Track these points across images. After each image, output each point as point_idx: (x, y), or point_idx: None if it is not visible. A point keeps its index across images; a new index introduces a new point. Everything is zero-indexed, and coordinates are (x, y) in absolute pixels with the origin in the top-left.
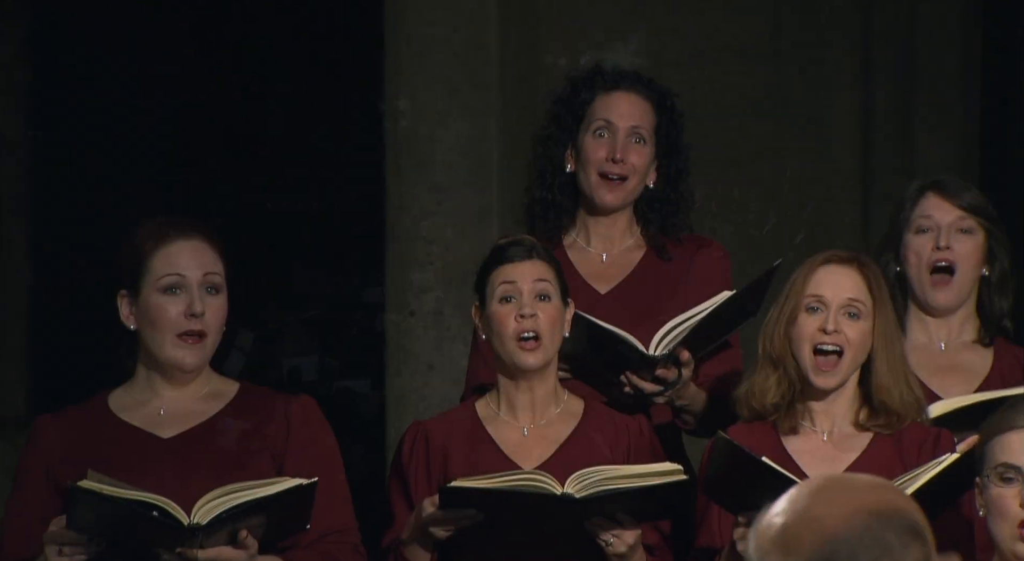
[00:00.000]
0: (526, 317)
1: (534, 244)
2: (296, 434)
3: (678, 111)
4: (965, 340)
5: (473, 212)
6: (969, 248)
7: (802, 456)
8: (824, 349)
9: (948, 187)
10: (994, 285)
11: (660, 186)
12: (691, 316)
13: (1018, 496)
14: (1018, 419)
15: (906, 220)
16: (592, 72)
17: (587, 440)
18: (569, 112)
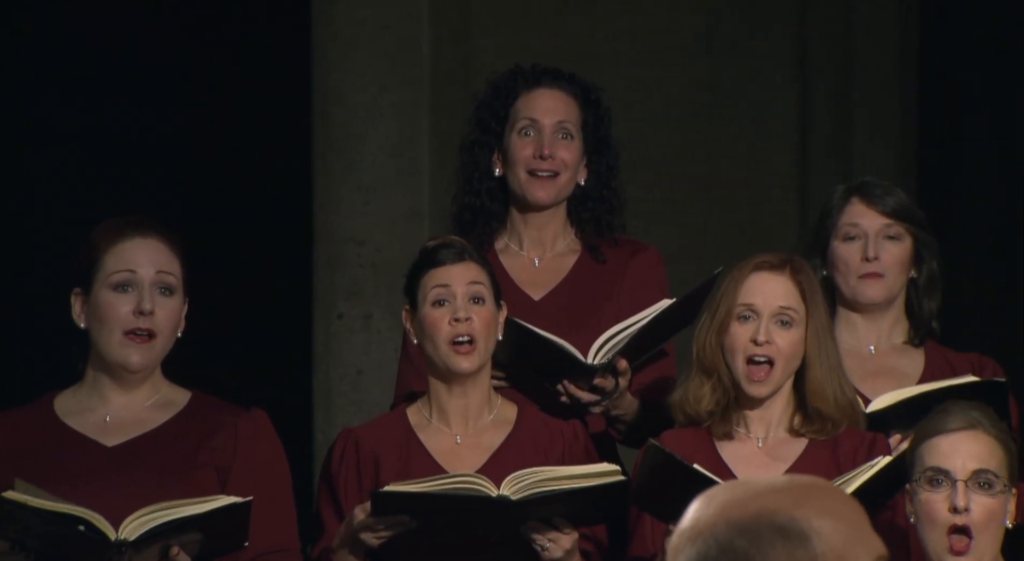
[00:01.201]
0: (460, 321)
1: (465, 246)
2: (244, 449)
3: (604, 106)
4: (895, 343)
5: (403, 213)
6: (897, 255)
7: (736, 462)
8: (756, 359)
9: (873, 192)
10: (922, 287)
11: (592, 183)
12: (630, 324)
13: (947, 501)
14: (947, 422)
15: (832, 226)
16: (512, 72)
17: (521, 447)
18: (492, 115)
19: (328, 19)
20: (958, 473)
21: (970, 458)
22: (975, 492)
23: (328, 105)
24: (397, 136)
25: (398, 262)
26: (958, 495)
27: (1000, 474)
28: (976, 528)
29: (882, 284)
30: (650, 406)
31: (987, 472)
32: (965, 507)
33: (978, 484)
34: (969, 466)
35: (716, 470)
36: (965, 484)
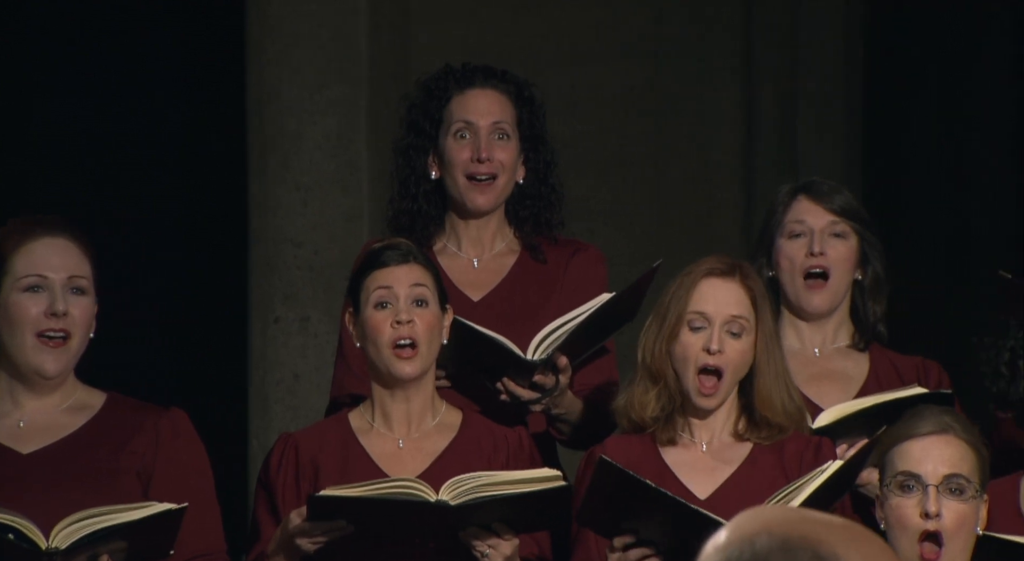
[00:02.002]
0: (402, 323)
1: (411, 248)
2: (165, 451)
3: (537, 101)
4: (840, 346)
5: (342, 213)
6: (842, 253)
7: (681, 468)
8: (708, 369)
9: (820, 190)
10: (868, 290)
11: (530, 181)
12: (569, 320)
13: (918, 506)
14: (918, 427)
15: (778, 224)
16: (443, 73)
17: (465, 452)
18: (426, 118)
19: (263, 13)
20: (929, 478)
21: (942, 463)
22: (947, 498)
23: (263, 102)
24: (335, 134)
25: (336, 264)
26: (929, 500)
27: (972, 479)
28: (947, 534)
29: (826, 291)
30: (592, 405)
31: (959, 477)
32: (936, 513)
33: (949, 490)
34: (941, 471)
35: (661, 476)
36: (936, 489)
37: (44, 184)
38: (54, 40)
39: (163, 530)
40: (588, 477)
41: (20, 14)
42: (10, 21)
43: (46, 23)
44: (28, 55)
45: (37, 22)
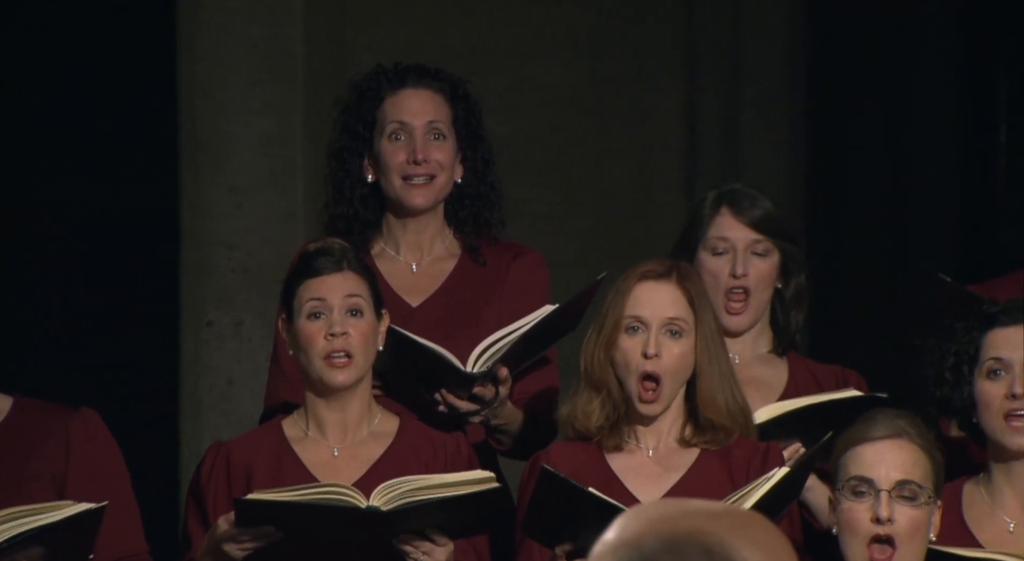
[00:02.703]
0: (336, 335)
1: (345, 252)
2: (78, 453)
3: (473, 98)
4: (759, 353)
5: (277, 215)
6: (764, 270)
7: (627, 475)
8: (648, 375)
9: (743, 204)
10: (789, 300)
11: (468, 180)
12: (511, 331)
13: (870, 510)
14: (872, 430)
15: (702, 237)
16: (374, 73)
17: (401, 460)
18: (359, 120)
19: (195, 9)
20: (882, 483)
21: (895, 468)
22: (899, 503)
23: (195, 101)
24: (270, 134)
25: (271, 267)
26: (881, 505)
27: (925, 485)
28: (899, 539)
29: (745, 315)
30: (532, 415)
31: (911, 483)
32: (888, 518)
33: (902, 495)
34: (893, 476)
35: (607, 483)
36: (889, 494)
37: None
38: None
39: (82, 532)
40: (532, 485)
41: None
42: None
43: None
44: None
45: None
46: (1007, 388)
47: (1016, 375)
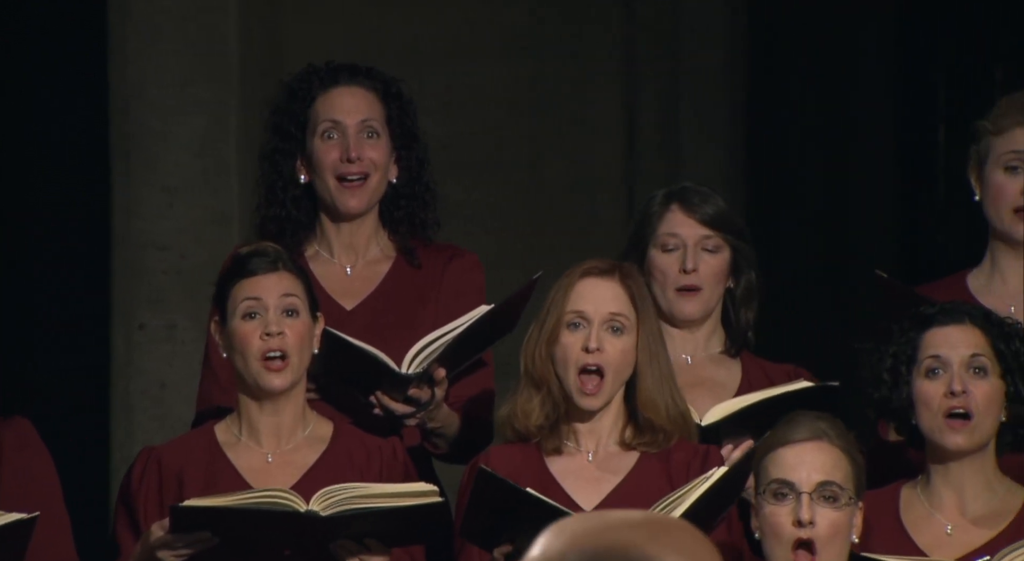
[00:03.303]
0: (272, 335)
1: (280, 254)
2: (9, 463)
3: (406, 97)
4: (711, 353)
5: (210, 216)
6: (715, 267)
7: (566, 478)
8: (588, 369)
9: (692, 200)
10: (739, 298)
11: (403, 180)
12: (446, 332)
13: (791, 514)
14: (792, 433)
15: (651, 234)
16: (306, 73)
17: (336, 465)
18: (291, 120)
19: (126, 7)
20: (803, 485)
21: (815, 470)
22: (820, 505)
23: (127, 100)
24: (203, 134)
25: (204, 268)
26: (803, 508)
27: (846, 486)
28: (821, 542)
29: (698, 300)
30: (468, 418)
31: (832, 484)
32: (810, 521)
33: (823, 497)
34: (814, 478)
35: (545, 486)
36: (810, 497)
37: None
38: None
39: (13, 542)
40: (471, 488)
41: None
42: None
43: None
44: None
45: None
46: (946, 386)
47: (954, 373)
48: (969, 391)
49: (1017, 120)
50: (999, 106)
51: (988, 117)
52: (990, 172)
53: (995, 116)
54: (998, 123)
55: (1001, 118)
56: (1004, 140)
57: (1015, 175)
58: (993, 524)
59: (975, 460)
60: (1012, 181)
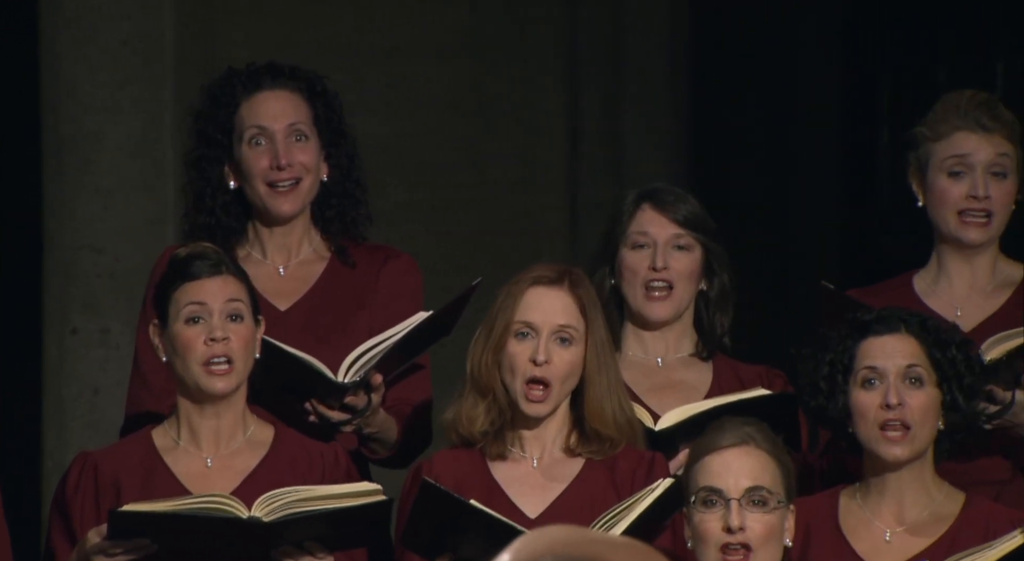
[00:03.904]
0: (217, 341)
1: (221, 257)
2: None
3: (332, 93)
4: (683, 356)
5: (145, 218)
6: (686, 265)
7: (510, 485)
8: (536, 379)
9: (665, 199)
10: (713, 301)
11: (334, 178)
12: (384, 339)
13: (721, 520)
14: (718, 440)
15: (622, 233)
16: (227, 77)
17: (277, 470)
18: (216, 127)
19: (58, 4)
20: (731, 491)
21: (743, 475)
22: (749, 510)
23: (60, 99)
24: (139, 135)
25: (139, 272)
26: (732, 514)
27: (774, 490)
28: (753, 546)
29: (669, 302)
30: (405, 423)
31: (761, 489)
32: (740, 526)
33: (752, 501)
34: (742, 484)
35: (490, 493)
36: (739, 503)
37: None
38: None
39: None
40: (413, 496)
41: None
42: None
43: None
44: None
45: None
46: (881, 398)
47: (890, 384)
48: (905, 402)
49: (956, 125)
50: (935, 112)
51: (925, 123)
52: (933, 177)
53: (933, 121)
54: (937, 129)
55: (940, 124)
56: (945, 146)
57: (959, 179)
58: (931, 531)
59: (913, 468)
60: (956, 185)
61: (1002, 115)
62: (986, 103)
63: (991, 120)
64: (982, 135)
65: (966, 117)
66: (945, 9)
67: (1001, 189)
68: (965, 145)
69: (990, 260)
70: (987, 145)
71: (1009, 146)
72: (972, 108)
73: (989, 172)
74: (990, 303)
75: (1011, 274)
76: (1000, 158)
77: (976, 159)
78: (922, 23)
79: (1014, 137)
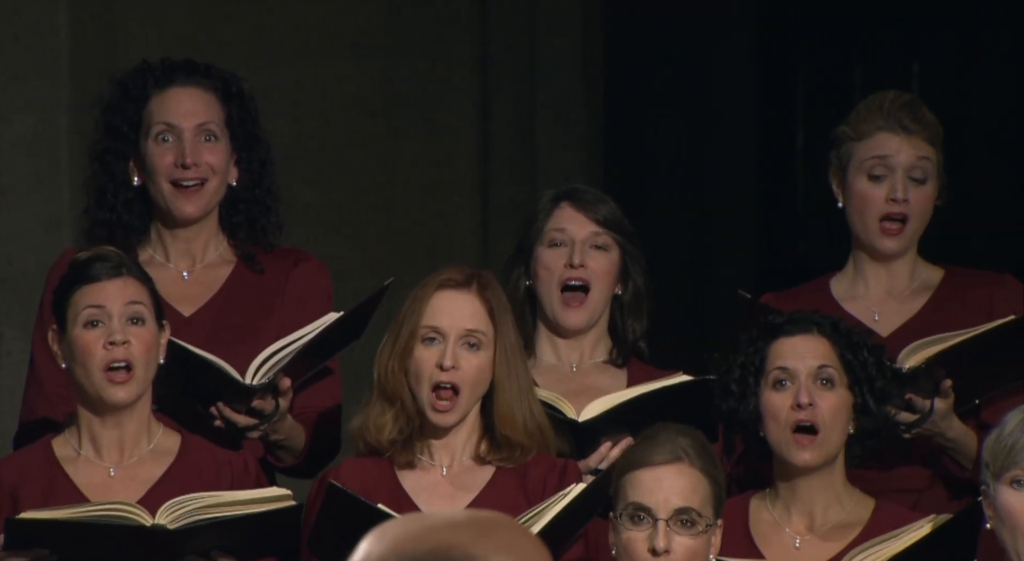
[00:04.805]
0: (117, 345)
1: (122, 258)
2: None
3: (248, 96)
4: (597, 362)
5: (40, 220)
6: (603, 265)
7: (419, 493)
8: (443, 385)
9: (583, 198)
10: (628, 306)
11: (244, 183)
12: (293, 341)
13: (647, 541)
14: (652, 453)
15: (539, 231)
16: (140, 70)
17: (184, 479)
18: (123, 120)
19: None
20: (660, 511)
21: (674, 494)
22: (677, 532)
23: None
24: (32, 134)
25: (33, 276)
26: (659, 535)
27: (704, 512)
28: None
29: (584, 308)
30: (313, 430)
31: (690, 511)
32: (665, 549)
33: (680, 522)
34: (672, 503)
35: (398, 503)
36: (666, 524)
37: None
38: None
39: None
40: (319, 504)
41: None
42: None
43: None
44: None
45: None
46: (792, 399)
47: (801, 385)
48: (816, 404)
49: (878, 125)
50: (858, 111)
51: (848, 122)
52: (853, 179)
53: (855, 121)
54: (859, 128)
55: (862, 123)
56: (866, 146)
57: (879, 183)
58: (841, 537)
59: (823, 474)
60: (877, 189)
61: (924, 117)
62: (909, 104)
63: (913, 122)
64: (904, 137)
65: (889, 118)
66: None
67: (919, 194)
68: (887, 146)
69: (908, 264)
70: (908, 147)
71: (930, 149)
72: (895, 109)
73: (908, 176)
74: (908, 307)
75: (929, 278)
76: (920, 161)
77: (897, 161)
78: (837, 24)
79: (935, 140)
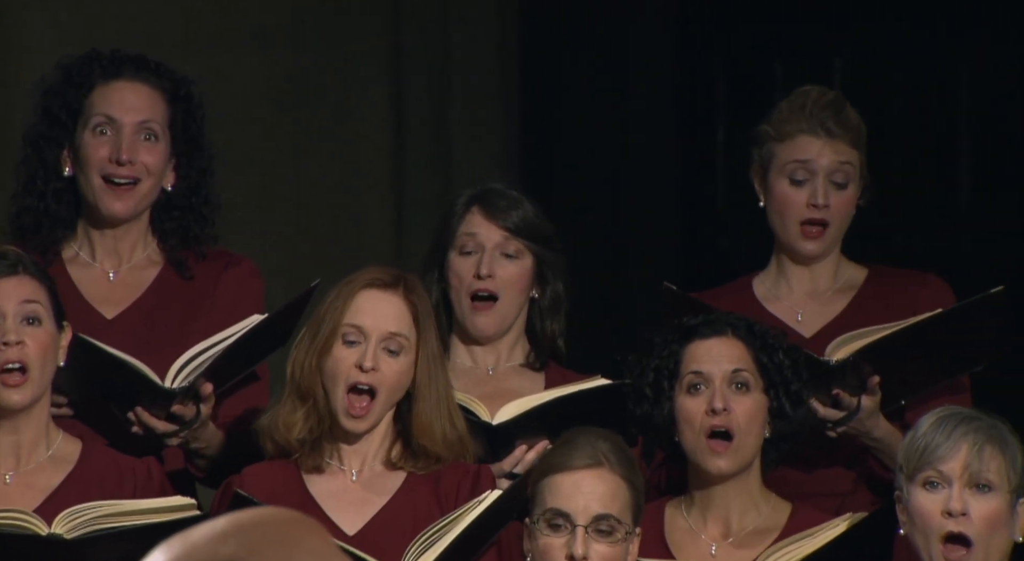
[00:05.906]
0: (10, 345)
1: (20, 257)
2: None
3: (196, 101)
4: (514, 364)
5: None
6: (513, 274)
7: (327, 500)
8: (360, 388)
9: (496, 204)
10: (545, 308)
11: (180, 190)
12: (215, 343)
13: (565, 547)
14: (571, 458)
15: (451, 236)
16: (88, 57)
17: (84, 488)
18: (63, 106)
19: None
20: (579, 518)
21: (593, 500)
22: (595, 540)
23: None
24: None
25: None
26: (577, 542)
27: (623, 519)
28: None
29: (493, 313)
30: (237, 439)
31: (609, 518)
32: (584, 556)
33: (599, 530)
34: (591, 510)
35: (306, 508)
36: (585, 530)
37: None
38: None
39: None
40: (222, 511)
41: None
42: None
43: None
44: None
45: None
46: (707, 403)
47: (716, 389)
48: (730, 408)
49: (800, 127)
50: (780, 110)
51: (770, 121)
52: (774, 181)
53: (777, 120)
54: (781, 129)
55: (784, 124)
56: (788, 148)
57: (801, 187)
58: (758, 543)
59: (739, 480)
60: (798, 193)
61: (847, 119)
62: (832, 104)
63: (836, 125)
64: (826, 140)
65: (811, 119)
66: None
67: (840, 199)
68: (808, 150)
69: (831, 264)
70: (829, 151)
71: (852, 152)
72: (818, 109)
73: (830, 181)
74: (831, 308)
75: (852, 277)
76: (842, 166)
77: (818, 164)
78: (759, 19)
79: (858, 142)
